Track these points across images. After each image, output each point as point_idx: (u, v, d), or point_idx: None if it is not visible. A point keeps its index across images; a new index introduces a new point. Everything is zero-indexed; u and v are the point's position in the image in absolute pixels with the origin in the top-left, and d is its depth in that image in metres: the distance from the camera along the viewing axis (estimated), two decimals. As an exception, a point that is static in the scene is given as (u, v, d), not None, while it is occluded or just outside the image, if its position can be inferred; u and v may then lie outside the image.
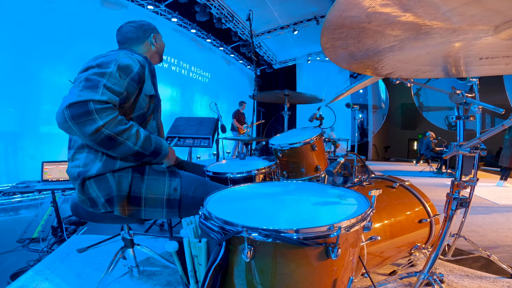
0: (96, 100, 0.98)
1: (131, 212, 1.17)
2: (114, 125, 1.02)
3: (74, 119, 0.96)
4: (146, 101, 1.20)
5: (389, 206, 1.47)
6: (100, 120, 0.98)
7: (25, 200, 3.39)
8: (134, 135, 1.08)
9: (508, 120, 1.04)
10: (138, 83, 1.14)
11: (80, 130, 0.98)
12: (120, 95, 1.06)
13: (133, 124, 1.10)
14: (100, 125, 0.98)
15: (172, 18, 6.39)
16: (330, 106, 2.77)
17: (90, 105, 0.97)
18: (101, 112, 0.99)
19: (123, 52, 1.16)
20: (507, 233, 2.36)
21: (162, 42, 1.44)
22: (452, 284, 1.47)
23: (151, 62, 1.28)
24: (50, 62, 4.23)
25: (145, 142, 1.12)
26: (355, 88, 6.00)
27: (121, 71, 1.08)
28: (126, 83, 1.09)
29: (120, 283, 1.50)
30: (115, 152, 1.08)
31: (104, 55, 1.15)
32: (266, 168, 1.53)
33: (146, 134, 1.13)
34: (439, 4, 0.69)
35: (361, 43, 0.89)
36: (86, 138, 1.00)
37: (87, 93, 0.98)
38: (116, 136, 1.03)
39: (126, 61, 1.11)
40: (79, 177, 1.12)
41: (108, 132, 1.01)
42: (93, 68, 1.07)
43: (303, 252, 0.72)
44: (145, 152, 1.13)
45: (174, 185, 1.19)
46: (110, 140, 1.03)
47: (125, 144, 1.06)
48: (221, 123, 2.68)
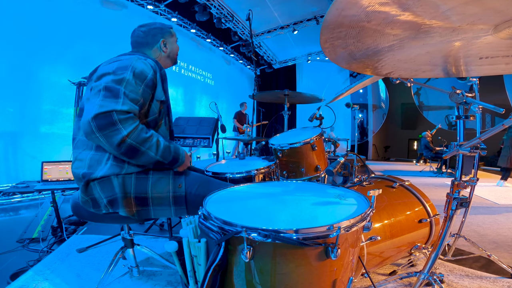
0: (119, 110, 1.01)
1: (140, 212, 1.17)
2: (137, 134, 1.05)
3: (100, 130, 0.99)
4: (157, 106, 1.22)
5: (389, 206, 1.46)
6: (124, 130, 1.01)
7: (25, 200, 3.39)
8: (155, 144, 1.10)
9: (508, 120, 1.04)
10: (152, 88, 1.16)
11: (107, 141, 1.01)
12: (138, 102, 1.08)
13: (153, 133, 1.12)
14: (125, 135, 1.01)
15: (172, 18, 6.39)
16: (330, 106, 2.76)
17: (113, 115, 1.00)
18: (125, 122, 1.02)
19: (137, 57, 1.17)
20: (507, 233, 2.36)
21: (174, 46, 1.42)
22: (452, 284, 1.47)
23: (162, 67, 1.28)
24: (50, 62, 4.23)
25: (165, 151, 1.14)
26: (355, 88, 5.99)
27: (137, 78, 1.10)
28: (141, 89, 1.11)
29: (120, 283, 1.49)
30: (137, 162, 1.11)
31: (118, 59, 1.16)
32: (266, 168, 1.53)
33: (166, 144, 1.15)
34: (439, 3, 0.69)
35: (361, 42, 0.88)
36: (113, 148, 1.04)
37: (109, 103, 1.01)
38: (139, 145, 1.06)
39: (141, 67, 1.13)
40: (84, 178, 1.12)
41: (131, 141, 1.04)
42: (109, 75, 1.08)
43: (302, 252, 0.72)
44: (165, 161, 1.15)
45: (179, 182, 1.20)
46: (133, 150, 1.06)
47: (147, 154, 1.09)
48: (221, 123, 2.68)
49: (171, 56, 1.42)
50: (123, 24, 5.37)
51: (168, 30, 1.39)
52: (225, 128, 2.68)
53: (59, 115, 4.30)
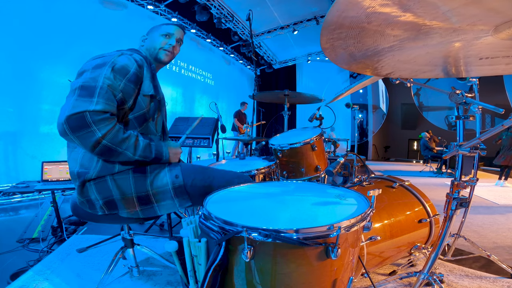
0: (92, 111, 0.97)
1: (145, 211, 1.17)
2: (113, 135, 1.02)
3: (74, 132, 0.97)
4: (146, 101, 1.19)
5: (389, 206, 1.47)
6: (99, 132, 0.99)
7: (25, 200, 3.39)
8: (132, 145, 1.09)
9: (508, 120, 1.04)
10: (135, 83, 1.13)
11: (81, 142, 1.00)
12: (115, 98, 1.06)
13: (131, 134, 1.10)
14: (99, 137, 0.99)
15: (172, 18, 6.39)
16: (330, 106, 2.77)
17: (87, 117, 0.97)
18: (99, 123, 0.99)
19: (120, 52, 1.15)
20: (507, 233, 2.36)
21: (154, 40, 1.31)
22: (452, 284, 1.47)
23: (151, 62, 1.27)
24: (50, 62, 4.23)
25: (144, 151, 1.12)
26: (355, 88, 6.01)
27: (117, 73, 1.07)
28: (122, 84, 1.08)
29: (120, 283, 1.50)
30: (116, 160, 1.10)
31: (102, 56, 1.14)
32: (266, 168, 1.53)
33: (146, 143, 1.13)
34: (439, 4, 0.69)
35: (361, 43, 0.88)
36: (88, 149, 1.02)
37: (82, 103, 0.98)
38: (115, 147, 1.04)
39: (122, 61, 1.10)
40: (79, 178, 1.12)
41: (106, 143, 1.02)
42: (87, 72, 1.06)
43: (303, 252, 0.72)
44: (146, 160, 1.14)
45: (175, 173, 1.19)
46: (109, 151, 1.04)
47: (124, 154, 1.08)
48: (221, 123, 2.68)
49: (150, 51, 1.31)
50: (123, 24, 5.37)
51: (157, 26, 1.34)
52: (225, 128, 2.68)
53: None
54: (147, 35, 1.34)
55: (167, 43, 1.31)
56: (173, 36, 1.32)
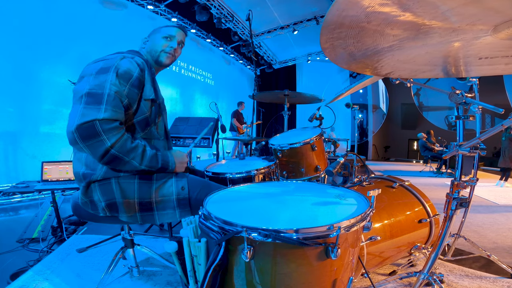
0: (101, 119, 0.98)
1: (145, 217, 1.17)
2: (121, 144, 1.03)
3: (84, 141, 0.98)
4: (147, 105, 1.19)
5: (389, 206, 1.46)
6: (108, 141, 0.99)
7: (25, 200, 3.39)
8: (140, 155, 1.09)
9: (507, 120, 1.05)
10: (138, 88, 1.13)
11: (91, 151, 1.01)
12: (122, 104, 1.06)
13: (139, 143, 1.10)
14: (108, 146, 1.00)
15: (172, 18, 6.39)
16: (330, 106, 2.77)
17: (96, 125, 0.97)
18: (108, 132, 0.99)
19: (123, 55, 1.13)
20: (507, 233, 2.36)
21: (155, 42, 1.30)
22: (452, 284, 1.47)
23: (152, 65, 1.26)
24: (50, 62, 4.23)
25: (151, 161, 1.12)
26: (355, 88, 6.00)
27: (121, 78, 1.07)
28: (127, 90, 1.08)
29: (120, 283, 1.50)
30: (122, 169, 1.10)
31: (104, 59, 1.13)
32: (266, 168, 1.53)
33: (153, 153, 1.13)
34: (438, 4, 0.69)
35: (361, 42, 0.88)
36: (96, 158, 1.03)
37: (91, 111, 0.98)
38: (123, 156, 1.05)
39: (125, 66, 1.09)
40: (85, 179, 1.12)
41: (115, 152, 1.02)
42: (91, 76, 1.05)
43: (302, 252, 0.72)
44: (152, 169, 1.14)
45: (181, 184, 1.19)
46: (116, 160, 1.04)
47: (130, 163, 1.08)
48: (221, 123, 2.68)
49: (151, 53, 1.30)
50: (123, 24, 5.37)
51: (159, 28, 1.32)
52: (225, 128, 2.69)
53: (59, 115, 4.30)
54: (149, 37, 1.33)
55: (169, 45, 1.30)
56: (174, 39, 1.31)
